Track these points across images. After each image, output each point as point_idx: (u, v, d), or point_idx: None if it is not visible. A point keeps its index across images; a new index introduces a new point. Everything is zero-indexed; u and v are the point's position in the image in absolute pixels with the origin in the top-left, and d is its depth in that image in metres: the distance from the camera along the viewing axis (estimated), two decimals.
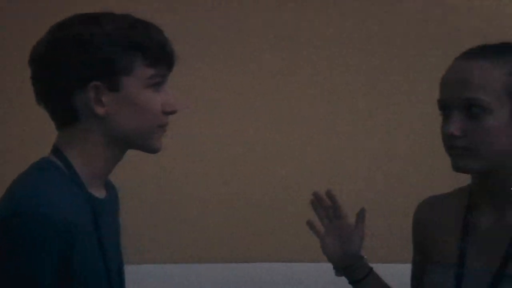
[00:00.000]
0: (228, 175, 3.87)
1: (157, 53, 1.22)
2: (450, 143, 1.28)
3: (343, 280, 1.74)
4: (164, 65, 1.25)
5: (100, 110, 1.21)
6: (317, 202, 1.47)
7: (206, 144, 3.84)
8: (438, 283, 1.35)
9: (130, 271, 3.61)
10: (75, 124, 1.23)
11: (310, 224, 1.48)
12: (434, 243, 1.41)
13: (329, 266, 1.58)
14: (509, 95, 1.25)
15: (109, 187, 1.36)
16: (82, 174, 1.23)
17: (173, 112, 1.26)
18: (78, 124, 1.23)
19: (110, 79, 1.20)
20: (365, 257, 1.48)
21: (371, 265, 1.52)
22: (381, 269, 3.36)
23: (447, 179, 4.10)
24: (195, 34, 3.83)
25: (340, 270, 1.48)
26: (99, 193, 1.27)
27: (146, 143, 1.26)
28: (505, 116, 1.25)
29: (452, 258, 1.36)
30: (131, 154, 3.45)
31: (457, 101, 1.26)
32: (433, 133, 4.28)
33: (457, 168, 1.29)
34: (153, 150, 1.27)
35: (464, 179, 3.71)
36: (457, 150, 1.27)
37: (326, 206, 1.47)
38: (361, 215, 1.47)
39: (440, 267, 1.37)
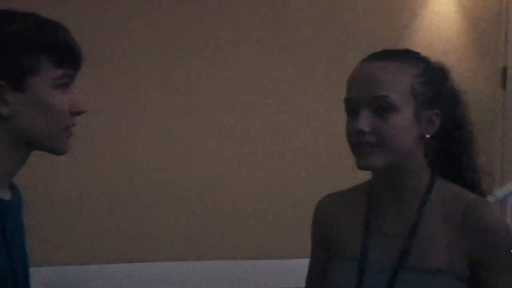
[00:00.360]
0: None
1: (65, 53, 1.19)
2: (358, 139, 1.32)
3: None
4: (72, 65, 1.22)
5: (4, 110, 1.16)
6: None
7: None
8: (342, 277, 1.40)
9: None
10: None
11: None
12: (337, 240, 1.45)
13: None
14: (414, 97, 1.33)
15: (14, 189, 1.33)
16: None
17: (80, 113, 1.24)
18: None
19: (16, 79, 1.16)
20: None
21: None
22: None
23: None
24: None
25: None
26: (4, 195, 1.24)
27: (52, 144, 1.23)
28: (410, 116, 1.32)
29: (355, 253, 1.40)
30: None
31: (366, 99, 1.33)
32: None
33: (363, 165, 1.34)
34: (60, 152, 1.24)
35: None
36: (366, 147, 1.32)
37: None
38: None
39: (344, 263, 1.42)
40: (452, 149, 1.42)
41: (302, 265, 1.67)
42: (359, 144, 1.34)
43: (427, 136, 1.36)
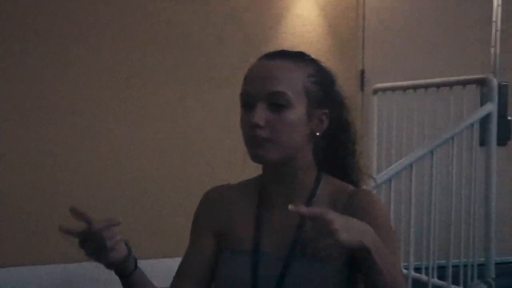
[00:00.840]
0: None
1: None
2: (253, 133, 1.36)
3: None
4: None
5: None
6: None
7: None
8: (235, 270, 1.42)
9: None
10: None
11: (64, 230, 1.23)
12: (228, 232, 1.47)
13: None
14: (307, 95, 1.38)
15: None
16: None
17: None
18: None
19: None
20: (133, 249, 1.36)
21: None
22: None
23: None
24: None
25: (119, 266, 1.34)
26: None
27: None
28: (303, 113, 1.38)
29: (248, 246, 1.43)
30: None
31: (262, 95, 1.36)
32: None
33: (257, 158, 1.38)
34: None
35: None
36: (260, 140, 1.35)
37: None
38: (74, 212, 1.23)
39: (236, 255, 1.43)
40: (339, 150, 1.48)
41: None
42: (254, 138, 1.36)
43: (317, 134, 1.42)
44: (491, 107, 3.35)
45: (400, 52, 4.49)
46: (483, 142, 3.44)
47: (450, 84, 3.58)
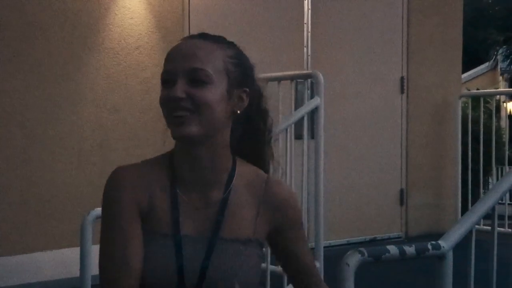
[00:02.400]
0: None
1: None
2: (175, 105, 1.36)
3: None
4: None
5: None
6: None
7: None
8: (158, 252, 1.39)
9: None
10: None
11: None
12: (148, 214, 1.42)
13: None
14: (227, 74, 1.42)
15: None
16: None
17: None
18: None
19: None
20: None
21: None
22: None
23: None
24: None
25: None
26: None
27: None
28: (223, 91, 1.41)
29: (168, 228, 1.41)
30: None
31: (183, 71, 1.38)
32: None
33: (177, 134, 1.38)
34: None
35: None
36: (181, 116, 1.36)
37: None
38: None
39: (158, 238, 1.41)
40: (257, 137, 1.55)
41: None
42: (176, 109, 1.37)
43: (238, 112, 1.46)
44: (318, 100, 3.59)
45: None
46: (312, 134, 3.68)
47: (278, 79, 3.76)
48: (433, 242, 1.87)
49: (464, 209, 5.70)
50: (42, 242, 3.93)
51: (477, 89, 10.86)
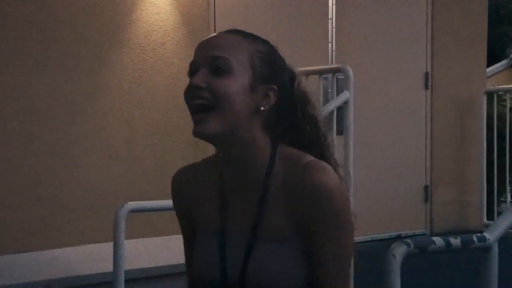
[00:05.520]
0: None
1: None
2: (194, 94, 1.33)
3: None
4: None
5: None
6: None
7: None
8: (204, 251, 1.43)
9: None
10: None
11: None
12: (198, 213, 1.48)
13: None
14: (252, 68, 1.36)
15: None
16: None
17: None
18: None
19: None
20: None
21: None
22: None
23: None
24: None
25: None
26: None
27: None
28: (245, 83, 1.35)
29: (215, 228, 1.42)
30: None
31: (204, 60, 1.35)
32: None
33: (197, 132, 1.34)
34: None
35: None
36: (199, 102, 1.32)
37: None
38: None
39: (206, 237, 1.44)
40: (311, 148, 1.46)
41: None
42: (192, 100, 1.33)
43: (262, 108, 1.38)
44: (348, 95, 3.56)
45: None
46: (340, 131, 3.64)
47: (307, 73, 3.74)
48: (478, 234, 1.85)
49: (489, 206, 5.65)
50: (73, 237, 3.94)
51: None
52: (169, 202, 1.64)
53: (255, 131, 1.39)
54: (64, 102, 4.00)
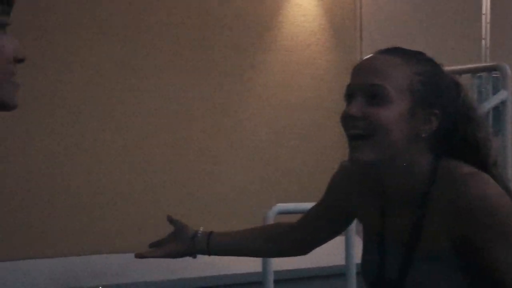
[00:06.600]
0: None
1: None
2: (351, 123, 1.31)
3: None
4: (5, 1, 1.03)
5: None
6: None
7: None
8: (367, 258, 1.45)
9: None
10: None
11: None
12: (360, 213, 1.49)
13: None
14: (411, 93, 1.30)
15: None
16: None
17: (23, 60, 1.04)
18: None
19: None
20: (200, 230, 1.64)
21: None
22: None
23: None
24: None
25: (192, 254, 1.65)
26: None
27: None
28: (404, 111, 1.29)
29: (375, 236, 1.41)
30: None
31: (362, 86, 1.31)
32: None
33: (352, 159, 1.32)
34: (8, 106, 1.04)
35: None
36: (355, 132, 1.30)
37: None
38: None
39: (368, 243, 1.45)
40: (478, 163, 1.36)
41: None
42: (352, 128, 1.31)
43: (423, 135, 1.32)
44: (505, 94, 3.36)
45: (397, 42, 4.48)
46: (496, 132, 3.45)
47: (459, 72, 3.57)
48: None
49: None
50: None
51: None
52: None
53: (415, 156, 1.34)
54: (213, 105, 4.11)
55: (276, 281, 2.70)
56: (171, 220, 1.66)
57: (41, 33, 3.67)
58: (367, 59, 1.36)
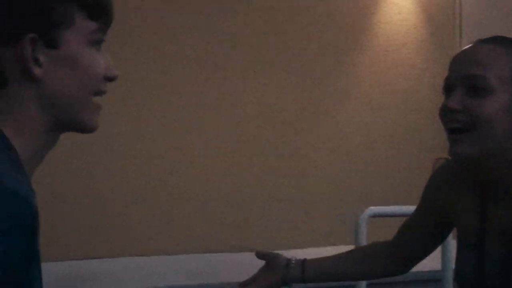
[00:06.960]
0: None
1: (97, 3, 0.99)
2: (450, 117, 1.26)
3: None
4: (105, 19, 1.01)
5: (37, 71, 0.94)
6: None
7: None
8: (463, 261, 1.37)
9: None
10: (3, 91, 0.94)
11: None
12: (453, 218, 1.42)
13: None
14: None
15: None
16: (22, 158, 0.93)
17: (114, 78, 1.02)
18: (7, 90, 0.94)
19: (48, 32, 0.94)
20: (293, 258, 1.60)
21: None
22: None
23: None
24: None
25: (288, 284, 1.59)
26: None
27: (81, 117, 1.00)
28: (506, 102, 1.24)
29: (472, 240, 1.35)
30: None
31: (462, 77, 1.26)
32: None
33: (452, 153, 1.27)
34: (87, 128, 1.01)
35: None
36: (455, 126, 1.25)
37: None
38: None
39: (463, 249, 1.38)
40: None
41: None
42: (451, 121, 1.26)
43: None
44: None
45: None
46: None
47: None
48: None
49: None
50: (311, 238, 4.01)
51: None
52: (410, 208, 1.62)
53: None
54: (308, 106, 4.09)
55: (369, 285, 2.65)
56: (262, 255, 1.62)
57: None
58: (466, 49, 1.31)
